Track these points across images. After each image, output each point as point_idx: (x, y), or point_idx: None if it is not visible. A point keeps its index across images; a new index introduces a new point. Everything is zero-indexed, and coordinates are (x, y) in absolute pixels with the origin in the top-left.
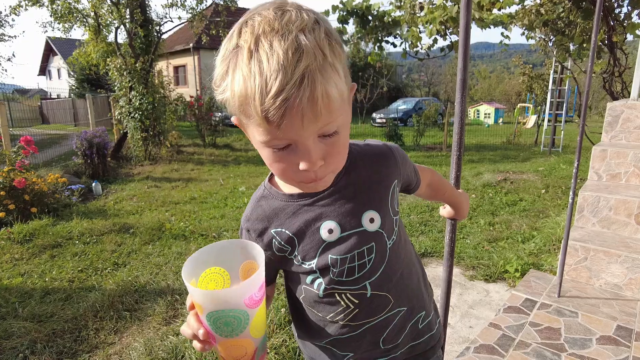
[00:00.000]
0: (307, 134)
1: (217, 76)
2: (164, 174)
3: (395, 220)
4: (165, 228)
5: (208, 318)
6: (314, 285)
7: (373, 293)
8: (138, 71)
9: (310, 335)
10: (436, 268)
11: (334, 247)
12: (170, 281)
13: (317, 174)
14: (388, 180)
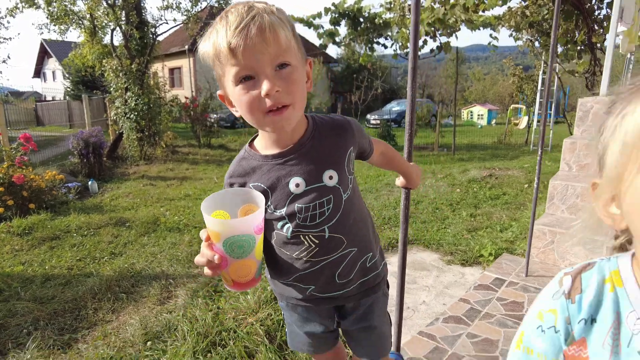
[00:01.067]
0: (264, 61)
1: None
2: (159, 173)
3: (350, 179)
4: (160, 222)
5: (225, 243)
6: (283, 229)
7: (330, 235)
8: (134, 72)
9: (280, 274)
10: (417, 254)
11: (300, 198)
12: (164, 267)
13: (277, 100)
14: (345, 146)
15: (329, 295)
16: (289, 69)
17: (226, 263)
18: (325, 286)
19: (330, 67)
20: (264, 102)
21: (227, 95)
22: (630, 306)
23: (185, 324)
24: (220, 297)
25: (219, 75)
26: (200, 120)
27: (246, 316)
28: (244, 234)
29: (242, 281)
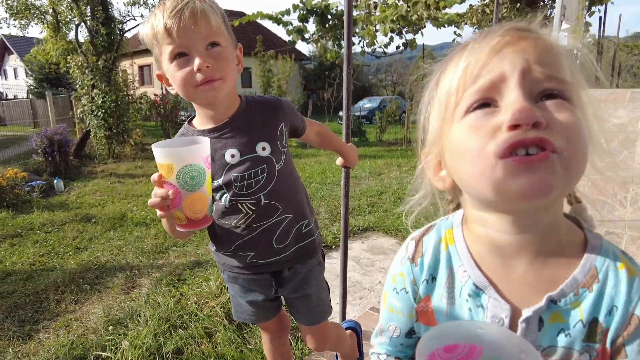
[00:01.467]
0: (196, 40)
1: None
2: (127, 171)
3: (282, 151)
4: (127, 217)
5: (178, 175)
6: (222, 199)
7: (266, 202)
8: (100, 69)
9: (222, 245)
10: (376, 239)
11: (235, 167)
12: (130, 259)
13: (207, 74)
14: (277, 122)
15: (268, 261)
16: (218, 48)
17: (180, 199)
18: (264, 252)
19: (302, 65)
20: (195, 76)
21: (164, 74)
22: (459, 261)
23: (148, 309)
24: (183, 285)
25: (157, 56)
26: (170, 117)
27: (208, 300)
28: (196, 163)
29: (197, 217)
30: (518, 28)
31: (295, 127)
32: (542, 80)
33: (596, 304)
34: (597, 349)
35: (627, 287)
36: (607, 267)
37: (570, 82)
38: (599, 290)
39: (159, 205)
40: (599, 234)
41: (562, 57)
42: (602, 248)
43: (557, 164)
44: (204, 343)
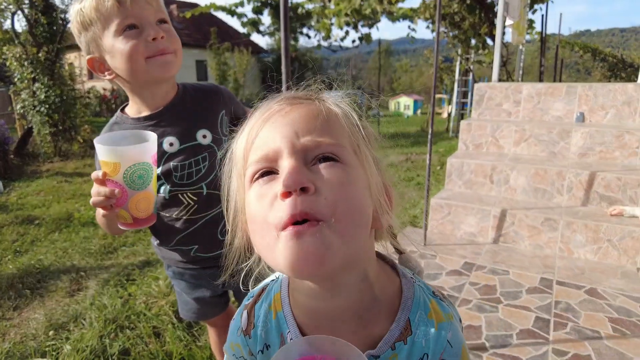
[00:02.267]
0: (149, 13)
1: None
2: (75, 170)
3: (224, 140)
4: (73, 217)
5: (125, 174)
6: (160, 190)
7: (208, 192)
8: (42, 62)
9: (163, 241)
10: None
11: (175, 157)
12: (75, 261)
13: (162, 45)
14: (216, 109)
15: (214, 254)
16: (167, 24)
17: (126, 198)
18: (208, 245)
19: (260, 57)
20: (149, 46)
21: (103, 54)
22: (287, 327)
23: (93, 311)
24: (132, 285)
25: (95, 35)
26: None
27: (157, 299)
28: (143, 162)
29: (142, 216)
30: (292, 97)
31: (236, 115)
32: (312, 147)
33: (410, 354)
34: None
35: (436, 336)
36: (419, 319)
37: (341, 144)
38: (412, 340)
39: (102, 204)
40: (411, 279)
41: (332, 120)
42: (414, 297)
43: (327, 232)
44: (152, 342)
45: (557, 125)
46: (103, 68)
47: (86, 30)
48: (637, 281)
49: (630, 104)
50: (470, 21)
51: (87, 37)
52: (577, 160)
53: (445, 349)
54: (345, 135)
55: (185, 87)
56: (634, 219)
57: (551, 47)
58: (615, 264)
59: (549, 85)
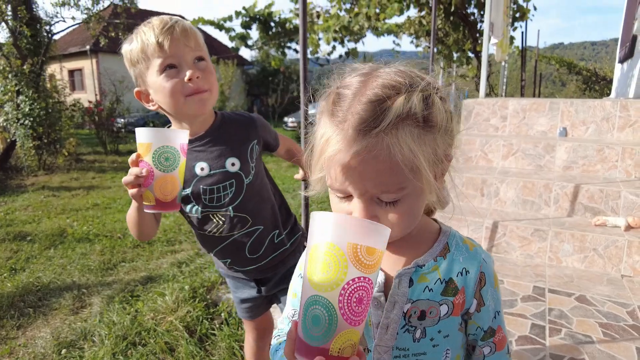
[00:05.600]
0: (186, 53)
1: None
2: (62, 183)
3: (252, 166)
4: (67, 233)
5: (154, 155)
6: (192, 211)
7: (235, 214)
8: (26, 74)
9: (206, 248)
10: None
11: (204, 180)
12: (75, 278)
13: (197, 84)
14: (248, 139)
15: (245, 269)
16: (204, 62)
17: (151, 178)
18: (239, 260)
19: (245, 70)
20: (186, 86)
21: (147, 88)
22: None
23: (103, 328)
24: (137, 301)
25: (142, 71)
26: (106, 125)
27: (165, 315)
28: (172, 145)
29: (166, 200)
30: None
31: (267, 143)
32: (378, 194)
33: (449, 267)
34: (453, 301)
35: (472, 256)
36: (455, 243)
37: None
38: (451, 257)
39: (131, 182)
40: (449, 226)
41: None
42: (450, 233)
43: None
44: (167, 358)
45: (542, 140)
46: (148, 99)
47: (134, 67)
48: (622, 287)
49: (608, 120)
50: (454, 37)
51: (135, 73)
52: (562, 173)
53: (482, 265)
54: (407, 171)
55: (224, 116)
56: (616, 228)
57: (529, 60)
58: (601, 271)
59: (533, 102)
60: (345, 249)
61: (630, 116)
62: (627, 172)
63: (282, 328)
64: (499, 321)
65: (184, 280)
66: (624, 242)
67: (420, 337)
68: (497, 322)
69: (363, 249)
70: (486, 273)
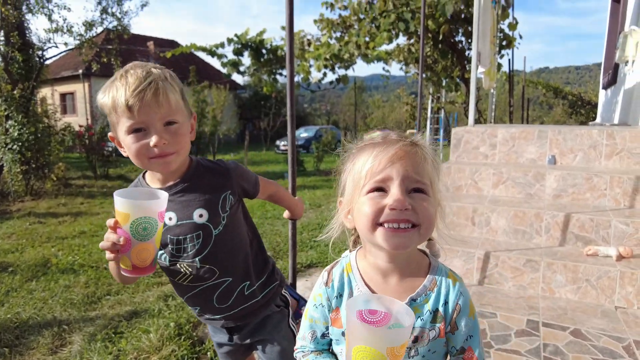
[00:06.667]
0: (155, 119)
1: (99, 93)
2: (49, 210)
3: (223, 217)
4: (51, 263)
5: (132, 225)
6: (161, 258)
7: (201, 265)
8: (16, 99)
9: (178, 294)
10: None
11: (172, 231)
12: (57, 313)
13: (162, 149)
14: (221, 189)
15: (215, 318)
16: (176, 125)
17: (129, 246)
18: (209, 309)
19: (238, 94)
20: (151, 150)
21: (118, 139)
22: (355, 282)
23: None
24: (121, 338)
25: (114, 123)
26: (97, 149)
27: (149, 355)
28: (150, 216)
29: (142, 265)
30: (407, 145)
31: (245, 191)
32: (413, 182)
33: (437, 300)
34: (439, 327)
35: (453, 289)
36: (442, 278)
37: (429, 183)
38: (437, 291)
39: (108, 249)
40: (437, 260)
41: (430, 164)
42: (438, 267)
43: (416, 234)
44: None
45: (532, 168)
46: (120, 146)
47: (108, 115)
48: (617, 320)
49: (595, 148)
50: (442, 64)
51: (109, 119)
52: (552, 202)
53: (459, 297)
54: (430, 174)
55: (198, 165)
56: (608, 258)
57: (516, 84)
58: (594, 302)
59: (521, 130)
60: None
61: (616, 144)
62: (616, 200)
63: (304, 345)
64: (470, 343)
65: (170, 315)
66: (616, 272)
67: (414, 355)
68: (468, 343)
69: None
70: (462, 304)
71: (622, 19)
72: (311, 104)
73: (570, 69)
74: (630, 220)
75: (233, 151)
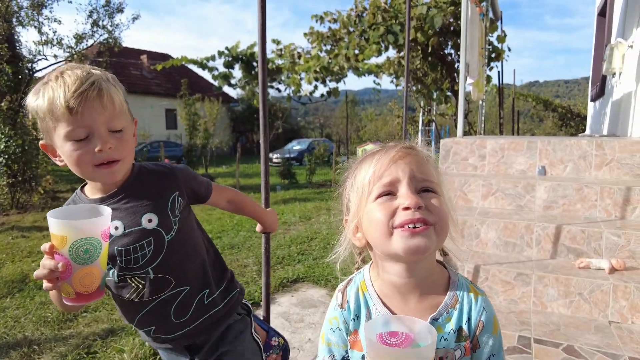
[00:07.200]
0: (100, 122)
1: (29, 96)
2: (34, 223)
3: (174, 221)
4: (29, 279)
5: (70, 248)
6: (109, 274)
7: (155, 275)
8: (4, 111)
9: (127, 319)
10: (306, 291)
11: (118, 241)
12: (28, 332)
13: (108, 155)
14: (168, 193)
15: (173, 337)
16: (121, 132)
17: (70, 272)
18: (165, 326)
19: (231, 107)
20: (96, 156)
21: (53, 146)
22: (372, 302)
23: None
24: (93, 359)
25: (47, 128)
26: None
27: None
28: (91, 236)
29: (86, 292)
30: (406, 147)
31: (195, 192)
32: (420, 181)
33: (459, 317)
34: (464, 345)
35: (475, 304)
36: (463, 293)
37: (436, 182)
38: (460, 308)
39: (46, 277)
40: (457, 272)
41: (431, 166)
42: (459, 282)
43: (432, 233)
44: None
45: (522, 179)
46: (55, 154)
47: (40, 120)
48: (611, 335)
49: (585, 158)
50: (432, 77)
51: (41, 125)
52: (543, 213)
53: (482, 314)
54: (435, 175)
55: (141, 169)
56: (600, 271)
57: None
58: (587, 317)
59: (511, 140)
60: None
61: (605, 155)
62: (606, 211)
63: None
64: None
65: None
66: (609, 286)
67: None
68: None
69: None
70: (485, 321)
71: (608, 32)
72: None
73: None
74: (622, 231)
75: (225, 164)
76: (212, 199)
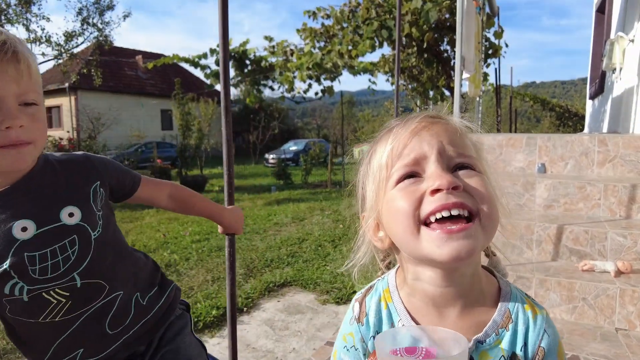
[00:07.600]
0: (10, 92)
1: None
2: None
3: (99, 215)
4: None
5: None
6: (15, 291)
7: (83, 282)
8: None
9: (34, 354)
10: (293, 296)
11: (29, 244)
12: None
13: (18, 135)
14: (86, 182)
15: (106, 354)
16: (35, 107)
17: None
18: (97, 344)
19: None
20: (2, 134)
21: None
22: (398, 316)
23: None
24: None
25: None
26: None
27: None
28: None
29: None
30: (431, 116)
31: (120, 184)
32: (454, 156)
33: (513, 341)
34: None
35: (533, 325)
36: (517, 309)
37: (474, 156)
38: (513, 328)
39: None
40: (508, 281)
41: (466, 137)
42: (511, 293)
43: (477, 228)
44: None
45: (521, 177)
46: None
47: None
48: (618, 344)
49: (587, 155)
50: (428, 74)
51: None
52: (544, 213)
53: (542, 337)
54: (472, 150)
55: (48, 158)
56: (605, 274)
57: (504, 97)
58: (592, 324)
59: (509, 137)
60: None
61: (609, 151)
62: (611, 210)
63: None
64: None
65: None
66: (615, 290)
67: None
68: None
69: None
70: (546, 348)
71: (608, 28)
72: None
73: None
74: (628, 232)
75: (221, 165)
76: (144, 192)
